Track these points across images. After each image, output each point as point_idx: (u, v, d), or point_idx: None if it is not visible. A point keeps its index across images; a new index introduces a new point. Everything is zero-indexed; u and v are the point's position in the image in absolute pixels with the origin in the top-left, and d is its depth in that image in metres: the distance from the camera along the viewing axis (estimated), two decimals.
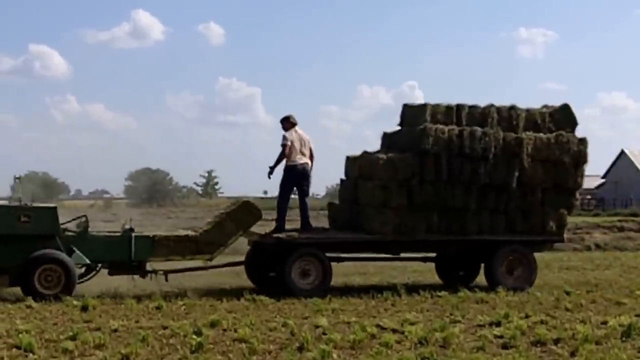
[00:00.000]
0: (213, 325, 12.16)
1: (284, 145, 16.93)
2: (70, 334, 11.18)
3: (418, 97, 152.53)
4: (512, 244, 17.45)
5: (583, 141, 17.52)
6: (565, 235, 18.08)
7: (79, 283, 15.77)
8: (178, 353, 10.29)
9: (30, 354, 10.12)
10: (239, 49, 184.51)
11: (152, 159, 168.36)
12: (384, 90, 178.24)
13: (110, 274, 16.38)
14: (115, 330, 11.72)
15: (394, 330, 11.86)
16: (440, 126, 16.85)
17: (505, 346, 10.83)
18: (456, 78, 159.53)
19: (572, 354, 10.39)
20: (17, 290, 15.37)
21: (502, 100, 17.93)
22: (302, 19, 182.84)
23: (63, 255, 15.34)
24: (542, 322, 12.69)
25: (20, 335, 10.88)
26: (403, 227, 16.73)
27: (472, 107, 17.56)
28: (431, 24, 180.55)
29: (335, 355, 10.21)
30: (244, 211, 16.87)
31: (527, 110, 17.76)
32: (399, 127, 18.15)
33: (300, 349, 10.59)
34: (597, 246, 31.91)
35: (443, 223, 16.94)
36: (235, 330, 11.65)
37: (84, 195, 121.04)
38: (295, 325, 12.16)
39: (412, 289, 16.58)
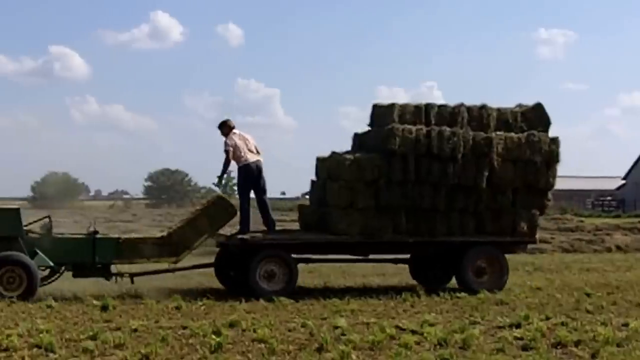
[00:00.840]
0: (232, 325, 12.16)
1: (226, 152, 16.68)
2: (91, 333, 11.21)
3: (437, 98, 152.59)
4: (482, 246, 17.20)
5: (555, 141, 17.23)
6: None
7: (43, 285, 15.50)
8: (197, 353, 10.30)
9: (51, 354, 10.14)
10: (258, 50, 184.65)
11: (171, 160, 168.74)
12: (402, 91, 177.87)
13: (74, 276, 16.10)
14: (135, 330, 11.71)
15: (413, 332, 11.79)
16: (408, 126, 16.59)
17: (525, 348, 10.76)
18: (475, 78, 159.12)
19: (593, 356, 10.32)
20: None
21: (523, 100, 17.67)
22: (321, 19, 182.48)
23: (25, 258, 15.07)
24: (562, 324, 12.60)
25: (41, 335, 10.88)
26: (370, 228, 16.48)
27: (442, 107, 17.32)
28: (450, 25, 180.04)
29: (354, 356, 10.15)
30: (218, 207, 16.57)
31: (499, 110, 17.50)
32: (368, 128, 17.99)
33: (320, 349, 10.58)
34: (618, 248, 31.31)
35: (411, 224, 16.66)
36: (255, 331, 11.63)
37: (104, 196, 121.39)
38: (315, 326, 12.17)
39: (432, 290, 16.60)
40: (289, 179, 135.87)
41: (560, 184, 18.01)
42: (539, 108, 17.71)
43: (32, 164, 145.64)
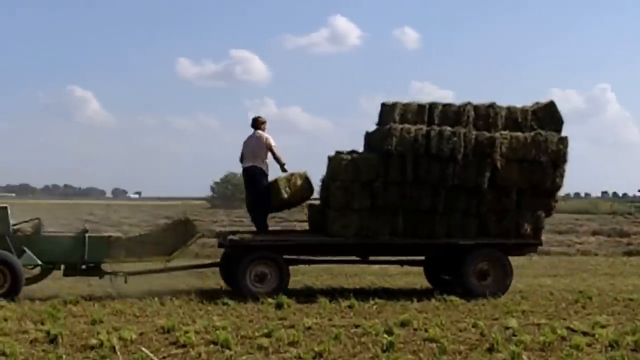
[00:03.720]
0: (404, 324, 12.08)
1: (273, 146, 16.69)
2: (265, 330, 11.33)
3: (610, 100, 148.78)
4: (485, 248, 16.42)
5: (563, 140, 16.39)
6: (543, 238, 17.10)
7: (32, 284, 15.44)
8: (369, 352, 10.24)
9: (227, 350, 10.22)
10: (433, 52, 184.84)
11: None
12: (575, 93, 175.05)
13: (65, 275, 15.83)
14: (309, 328, 11.80)
15: (585, 333, 11.51)
16: (407, 126, 15.98)
17: None
18: None
19: None
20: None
21: None
22: (496, 23, 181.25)
23: (10, 256, 14.77)
24: None
25: (217, 332, 11.07)
26: (366, 230, 15.90)
27: (446, 106, 16.53)
28: (625, 28, 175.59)
29: (525, 357, 9.96)
30: (184, 227, 16.26)
31: (508, 108, 16.72)
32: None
33: (490, 350, 10.41)
34: None
35: (409, 226, 16.03)
36: (426, 330, 11.51)
37: None
38: (486, 326, 12.00)
39: (603, 291, 16.33)
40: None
41: None
42: (551, 106, 16.93)
43: (214, 164, 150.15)
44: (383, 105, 16.75)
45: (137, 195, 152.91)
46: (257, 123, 16.87)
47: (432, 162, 15.91)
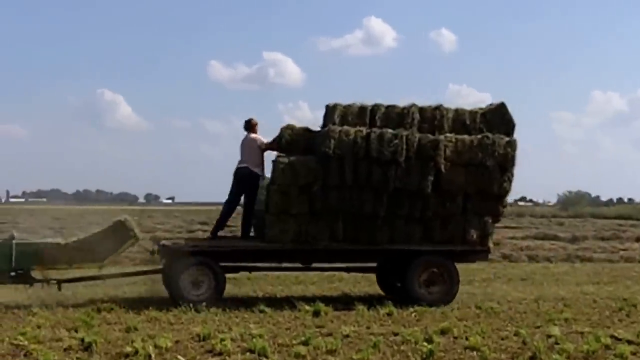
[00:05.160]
0: (444, 332, 11.74)
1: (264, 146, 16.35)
2: (303, 338, 11.09)
3: None
4: (430, 255, 15.72)
5: (511, 143, 15.72)
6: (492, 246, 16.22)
7: None
8: None
9: (264, 358, 10.12)
10: (471, 55, 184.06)
11: None
12: (617, 96, 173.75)
13: None
14: (347, 336, 11.49)
15: (629, 342, 11.16)
16: (346, 128, 15.34)
17: None
18: None
19: None
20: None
21: None
22: (535, 24, 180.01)
23: None
24: None
25: (254, 340, 10.87)
26: (304, 235, 15.27)
27: (389, 107, 15.81)
28: None
29: None
30: (121, 230, 15.80)
31: (456, 111, 16.05)
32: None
33: (532, 358, 10.17)
34: None
35: (350, 231, 15.36)
36: (467, 339, 11.20)
37: None
38: (527, 334, 11.58)
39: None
40: None
41: None
42: (501, 109, 16.23)
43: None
44: (326, 107, 16.08)
45: (170, 201, 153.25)
46: (250, 125, 16.58)
47: (372, 166, 15.24)
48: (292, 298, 15.36)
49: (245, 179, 16.25)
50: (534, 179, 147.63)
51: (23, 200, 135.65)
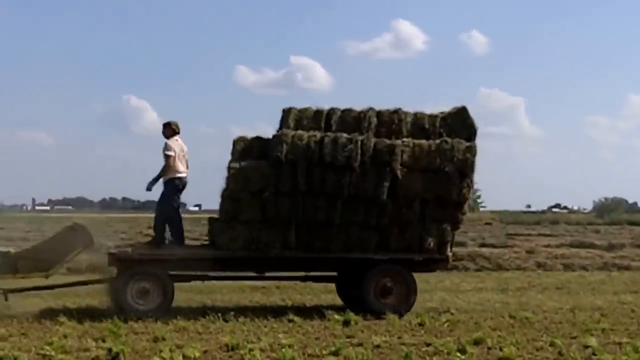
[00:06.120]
0: (477, 343, 11.66)
1: (168, 156, 15.46)
2: (333, 349, 11.07)
3: None
4: (386, 264, 15.33)
5: (470, 149, 15.29)
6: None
7: None
8: None
9: None
10: (502, 57, 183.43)
11: None
12: None
13: None
14: (378, 346, 11.43)
15: None
16: (300, 132, 15.03)
17: None
18: None
19: None
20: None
21: None
22: (568, 27, 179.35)
23: None
24: None
25: (283, 350, 10.86)
26: (255, 243, 14.93)
27: (346, 111, 15.55)
28: None
29: None
30: (75, 234, 15.46)
31: (415, 115, 15.72)
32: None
33: None
34: None
35: (304, 239, 15.00)
36: (501, 349, 11.14)
37: None
38: (564, 345, 11.48)
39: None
40: (536, 191, 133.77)
41: None
42: (462, 113, 15.83)
43: None
44: (282, 110, 15.78)
45: (197, 208, 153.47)
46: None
47: (326, 171, 14.92)
48: (321, 307, 15.21)
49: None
50: (569, 185, 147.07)
51: (48, 208, 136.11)
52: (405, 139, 15.22)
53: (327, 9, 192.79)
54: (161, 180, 15.49)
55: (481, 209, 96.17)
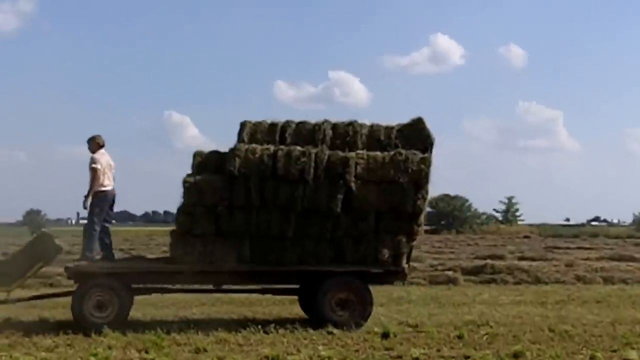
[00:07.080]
0: (516, 356, 11.63)
1: (94, 169, 15.55)
2: None
3: None
4: (341, 276, 15.24)
5: (425, 160, 15.19)
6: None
7: None
8: None
9: None
10: (541, 71, 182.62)
11: (450, 185, 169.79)
12: None
13: None
14: (417, 359, 11.57)
15: None
16: (253, 146, 15.06)
17: None
18: None
19: None
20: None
21: None
22: (607, 39, 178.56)
23: None
24: None
25: None
26: (210, 256, 14.95)
27: (301, 124, 15.54)
28: None
29: None
30: (40, 244, 15.46)
31: (371, 127, 15.69)
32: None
33: None
34: None
35: (258, 252, 14.99)
36: None
37: None
38: (604, 358, 11.52)
39: None
40: (575, 204, 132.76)
41: None
42: (418, 124, 15.72)
43: None
44: (240, 124, 15.83)
45: None
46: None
47: (280, 185, 14.95)
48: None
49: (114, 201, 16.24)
50: (608, 198, 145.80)
51: None
52: (359, 151, 15.21)
53: (364, 23, 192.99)
54: None
55: (519, 222, 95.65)
